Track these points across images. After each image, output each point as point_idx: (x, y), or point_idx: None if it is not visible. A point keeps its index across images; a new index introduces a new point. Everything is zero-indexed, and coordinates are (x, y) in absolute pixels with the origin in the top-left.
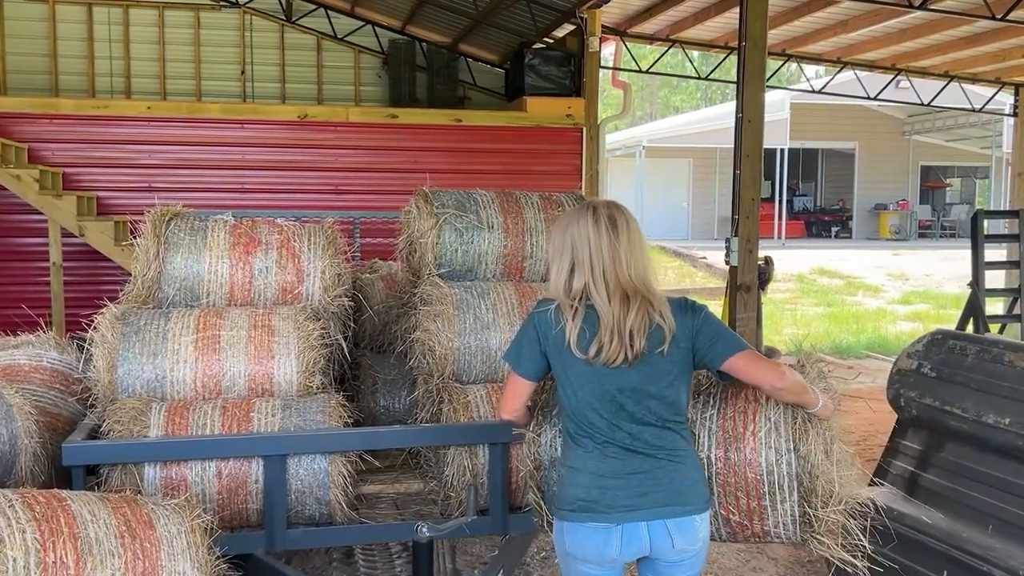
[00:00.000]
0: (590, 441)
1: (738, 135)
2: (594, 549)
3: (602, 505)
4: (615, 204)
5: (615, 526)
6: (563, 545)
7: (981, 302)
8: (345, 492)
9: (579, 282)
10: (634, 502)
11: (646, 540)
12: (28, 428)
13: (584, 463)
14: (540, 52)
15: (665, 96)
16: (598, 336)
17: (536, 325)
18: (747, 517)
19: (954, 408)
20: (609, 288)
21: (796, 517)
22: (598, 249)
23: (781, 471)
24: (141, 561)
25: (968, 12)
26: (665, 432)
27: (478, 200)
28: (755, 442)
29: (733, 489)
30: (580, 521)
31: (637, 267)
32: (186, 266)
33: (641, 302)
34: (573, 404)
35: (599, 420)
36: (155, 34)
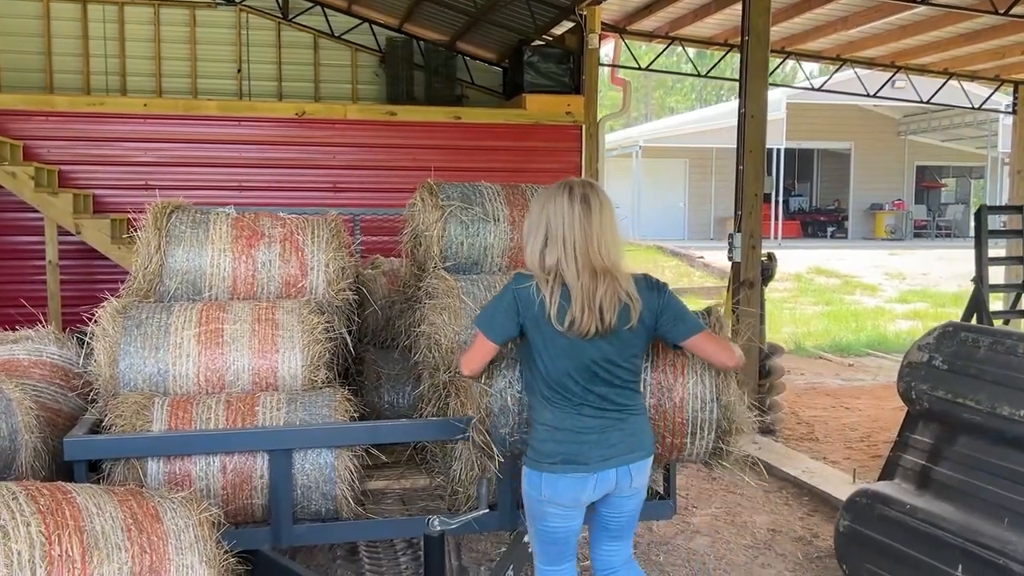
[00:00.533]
0: (567, 403)
1: (741, 130)
2: (572, 496)
3: (582, 458)
4: (590, 183)
5: (591, 475)
6: (539, 491)
7: (985, 297)
8: (352, 487)
9: (552, 258)
10: (606, 452)
11: (612, 482)
12: (28, 423)
13: (562, 422)
14: (539, 49)
15: (660, 97)
16: (571, 309)
17: (517, 297)
18: (668, 450)
19: (967, 400)
20: (579, 264)
21: (710, 450)
22: (571, 227)
23: (704, 417)
24: (148, 555)
25: (970, 7)
26: (627, 391)
27: (483, 193)
28: (684, 392)
29: (661, 430)
30: (563, 472)
31: (607, 246)
32: (188, 259)
33: (610, 280)
34: (551, 372)
35: (575, 386)
36: (151, 32)
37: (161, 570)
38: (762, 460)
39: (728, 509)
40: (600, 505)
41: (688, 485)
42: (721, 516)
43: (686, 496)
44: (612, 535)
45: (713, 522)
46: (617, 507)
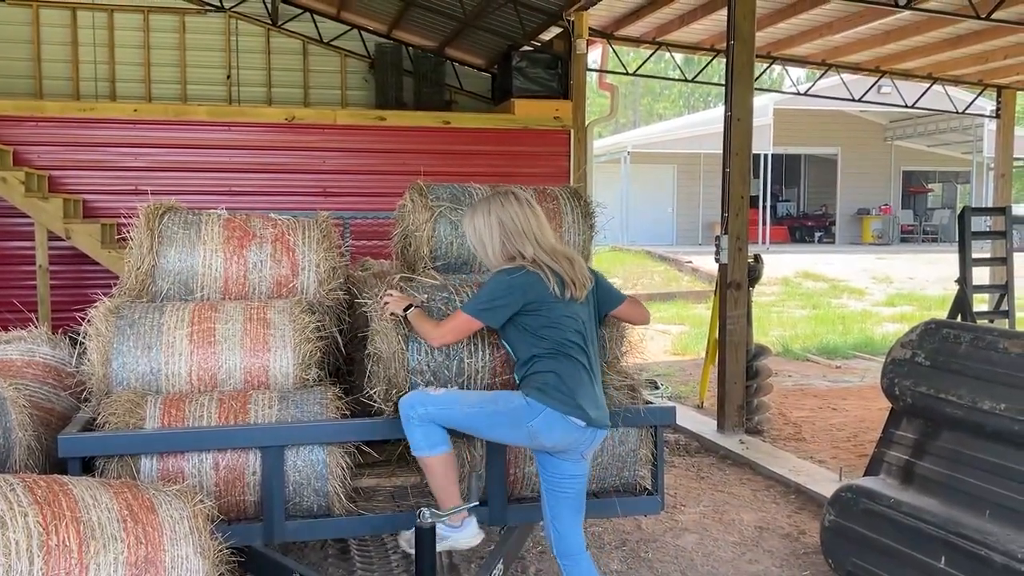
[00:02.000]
0: (577, 361)
1: (727, 133)
2: (557, 437)
3: (585, 407)
4: (526, 189)
5: (584, 427)
6: (529, 419)
7: (969, 298)
8: (343, 484)
9: (529, 249)
10: (597, 412)
11: (583, 442)
12: (22, 421)
13: (574, 374)
14: (527, 54)
15: (648, 103)
16: (565, 282)
17: (519, 287)
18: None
19: (949, 396)
20: (548, 251)
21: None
22: (529, 224)
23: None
24: (143, 545)
25: (953, 12)
26: (598, 359)
27: (473, 194)
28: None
29: None
30: (567, 414)
31: (554, 237)
32: (180, 260)
33: (575, 258)
34: (563, 335)
35: (576, 348)
36: (140, 38)
37: (156, 561)
38: (750, 459)
39: (716, 507)
40: (549, 469)
41: (676, 484)
42: (709, 514)
43: (674, 494)
44: (570, 508)
45: (701, 519)
46: (563, 471)
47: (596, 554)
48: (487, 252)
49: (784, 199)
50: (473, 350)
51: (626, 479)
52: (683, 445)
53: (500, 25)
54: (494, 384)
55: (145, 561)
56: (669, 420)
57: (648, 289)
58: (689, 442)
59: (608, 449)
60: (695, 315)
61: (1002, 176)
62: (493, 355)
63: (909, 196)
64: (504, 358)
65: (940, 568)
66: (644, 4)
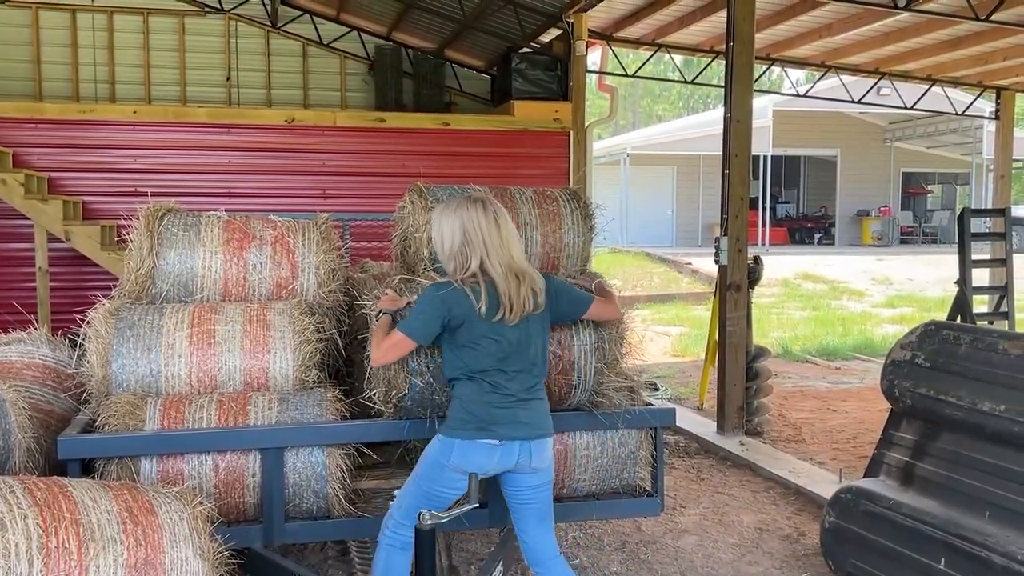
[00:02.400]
0: (489, 384)
1: (727, 135)
2: (479, 462)
3: (494, 427)
4: (492, 200)
5: (499, 445)
6: (447, 457)
7: (968, 300)
8: (343, 486)
9: (475, 262)
10: (515, 427)
11: (514, 457)
12: (22, 423)
13: (481, 397)
14: (527, 56)
15: (648, 105)
16: (501, 303)
17: (444, 301)
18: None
19: (949, 397)
20: (503, 266)
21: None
22: (490, 235)
23: (589, 369)
24: (143, 547)
25: (952, 13)
26: (537, 376)
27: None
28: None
29: (556, 374)
30: (475, 439)
31: (517, 251)
32: (180, 262)
33: (527, 277)
34: (477, 357)
35: (498, 368)
36: (140, 40)
37: (156, 563)
38: (750, 460)
39: (716, 508)
40: (506, 485)
41: (676, 486)
42: (709, 515)
43: (674, 496)
44: (529, 516)
45: (701, 521)
46: (518, 483)
47: (596, 556)
48: (443, 251)
49: (783, 201)
50: None
51: (626, 481)
52: (683, 447)
53: (500, 27)
54: None
55: (145, 563)
56: (669, 422)
57: (648, 290)
58: (689, 443)
59: (608, 451)
60: (695, 317)
61: (1001, 177)
62: None
63: (908, 197)
64: None
65: (940, 569)
66: (643, 6)
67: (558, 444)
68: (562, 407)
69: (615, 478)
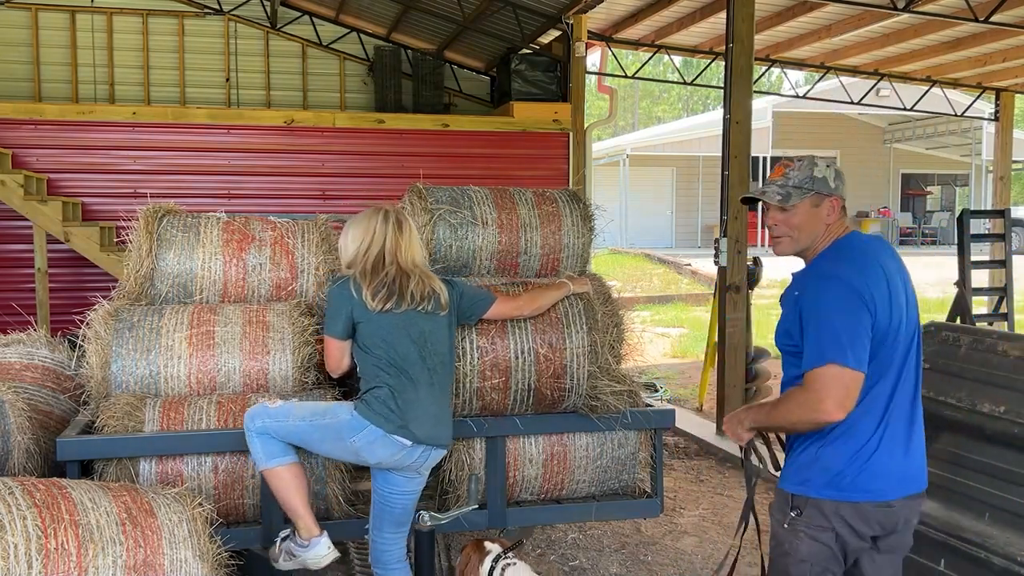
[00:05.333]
0: (405, 376)
1: (726, 136)
2: (381, 454)
3: (411, 427)
4: (400, 211)
5: (410, 446)
6: (352, 435)
7: (968, 301)
8: (342, 487)
9: (374, 259)
10: (429, 434)
11: (413, 459)
12: (21, 424)
13: (398, 393)
14: (527, 57)
15: (647, 106)
16: (385, 291)
17: (341, 297)
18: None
19: (948, 398)
20: (395, 266)
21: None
22: (388, 240)
23: (582, 372)
24: (143, 548)
25: (951, 15)
26: (446, 373)
27: (472, 196)
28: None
29: (547, 377)
30: (391, 434)
31: (416, 255)
32: (179, 263)
33: (419, 276)
34: (384, 348)
35: (412, 360)
36: (139, 41)
37: (155, 564)
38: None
39: (715, 510)
40: (379, 480)
41: (676, 487)
42: (708, 517)
43: (674, 498)
44: (391, 520)
45: (700, 523)
46: (394, 484)
47: (595, 557)
48: (345, 253)
49: None
50: (461, 354)
51: (625, 482)
52: (682, 448)
53: (499, 28)
54: (483, 387)
55: (144, 564)
56: (668, 423)
57: (647, 292)
58: (688, 445)
59: (608, 452)
60: (694, 318)
61: (1001, 179)
62: (481, 359)
63: (908, 199)
64: (492, 362)
65: (939, 571)
66: (643, 7)
67: (557, 445)
68: (555, 411)
69: (614, 479)
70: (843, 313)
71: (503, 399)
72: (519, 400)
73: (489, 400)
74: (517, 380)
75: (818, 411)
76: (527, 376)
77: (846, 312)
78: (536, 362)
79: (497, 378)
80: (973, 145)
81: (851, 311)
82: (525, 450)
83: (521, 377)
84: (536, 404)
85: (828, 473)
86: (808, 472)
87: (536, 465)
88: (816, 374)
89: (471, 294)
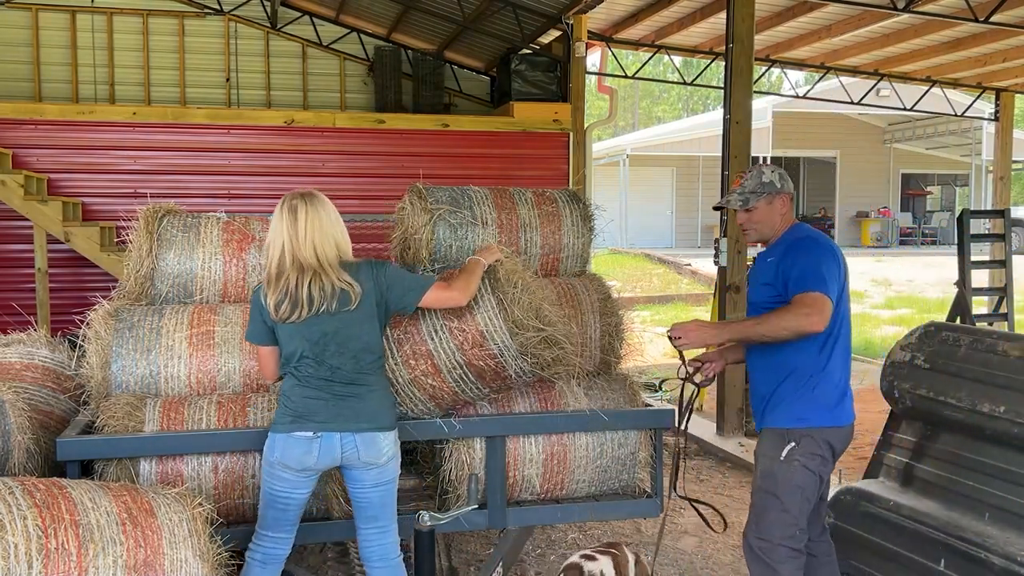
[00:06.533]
0: (305, 377)
1: (726, 136)
2: (298, 456)
3: (309, 421)
4: (300, 194)
5: (316, 438)
6: (272, 453)
7: (968, 301)
8: (342, 487)
9: (275, 266)
10: (331, 420)
11: (336, 450)
12: (21, 424)
13: (295, 391)
14: (527, 57)
15: (647, 107)
16: (287, 301)
17: (255, 304)
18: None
19: (948, 398)
20: (291, 262)
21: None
22: (282, 232)
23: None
24: (143, 548)
25: (951, 15)
26: (360, 366)
27: (472, 196)
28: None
29: (470, 348)
30: (290, 432)
31: (317, 245)
32: (179, 263)
33: (314, 274)
34: (290, 351)
35: (309, 361)
36: (139, 41)
37: (155, 564)
38: (749, 462)
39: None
40: (345, 480)
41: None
42: (708, 517)
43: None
44: (361, 514)
45: (700, 523)
46: (352, 479)
47: None
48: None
49: None
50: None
51: (625, 482)
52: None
53: (499, 28)
54: (416, 378)
55: (144, 564)
56: (668, 423)
57: (647, 292)
58: (688, 445)
59: (608, 452)
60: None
61: (1001, 179)
62: (400, 351)
63: (908, 199)
64: (411, 350)
65: (939, 571)
66: (643, 7)
67: (557, 445)
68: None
69: (614, 479)
70: (821, 259)
71: (443, 384)
72: (461, 380)
73: (430, 388)
74: (444, 360)
75: (807, 322)
76: (451, 354)
77: (823, 259)
78: (452, 336)
79: (424, 364)
80: (973, 145)
81: (827, 260)
82: (525, 450)
83: (446, 356)
84: (482, 379)
85: (822, 406)
86: (800, 409)
87: (536, 465)
88: (805, 296)
89: (402, 283)
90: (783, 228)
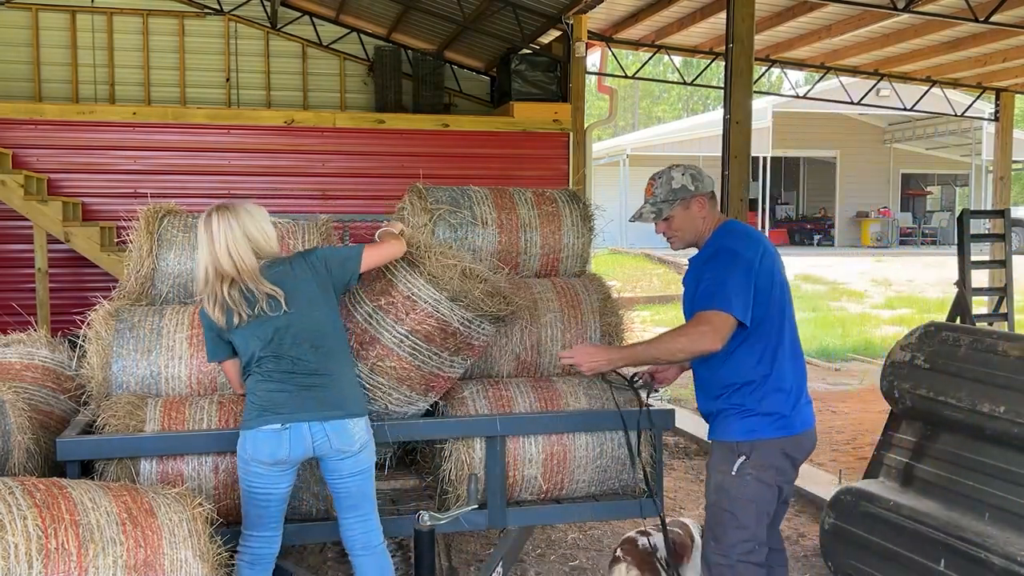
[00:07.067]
0: (267, 374)
1: (726, 136)
2: (270, 450)
3: (274, 411)
4: (216, 207)
5: (284, 430)
6: (244, 450)
7: (968, 301)
8: None
9: (200, 276)
10: (298, 411)
11: (307, 440)
12: (21, 424)
13: (259, 387)
14: (527, 57)
15: (647, 107)
16: (225, 308)
17: (204, 322)
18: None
19: (948, 398)
20: (214, 273)
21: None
22: (205, 250)
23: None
24: (143, 548)
25: (951, 15)
26: (321, 354)
27: (472, 196)
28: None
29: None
30: (259, 427)
31: (234, 255)
32: (179, 263)
33: (232, 283)
34: (249, 354)
35: (269, 358)
36: (139, 41)
37: (155, 564)
38: None
39: None
40: (323, 471)
41: (676, 487)
42: None
43: (673, 497)
44: (341, 504)
45: (700, 522)
46: (329, 470)
47: (595, 557)
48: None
49: (783, 202)
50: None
51: (625, 482)
52: (682, 448)
53: (499, 28)
54: (372, 364)
55: (144, 564)
56: (668, 423)
57: (647, 292)
58: (688, 444)
59: (608, 452)
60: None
61: (1001, 179)
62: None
63: (908, 199)
64: (360, 339)
65: (939, 571)
66: (643, 7)
67: (557, 445)
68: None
69: (614, 479)
70: (729, 275)
71: (401, 362)
72: (415, 350)
73: (392, 371)
74: (389, 338)
75: (702, 342)
76: (391, 328)
77: (733, 274)
78: (385, 313)
79: (375, 349)
80: (973, 145)
81: (738, 274)
82: (525, 450)
83: (389, 333)
84: (433, 342)
85: (772, 416)
86: (750, 422)
87: (536, 465)
88: (703, 314)
89: (337, 257)
90: (709, 229)
